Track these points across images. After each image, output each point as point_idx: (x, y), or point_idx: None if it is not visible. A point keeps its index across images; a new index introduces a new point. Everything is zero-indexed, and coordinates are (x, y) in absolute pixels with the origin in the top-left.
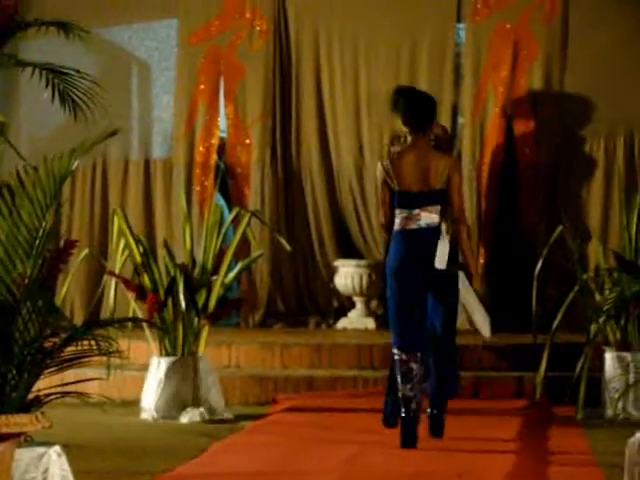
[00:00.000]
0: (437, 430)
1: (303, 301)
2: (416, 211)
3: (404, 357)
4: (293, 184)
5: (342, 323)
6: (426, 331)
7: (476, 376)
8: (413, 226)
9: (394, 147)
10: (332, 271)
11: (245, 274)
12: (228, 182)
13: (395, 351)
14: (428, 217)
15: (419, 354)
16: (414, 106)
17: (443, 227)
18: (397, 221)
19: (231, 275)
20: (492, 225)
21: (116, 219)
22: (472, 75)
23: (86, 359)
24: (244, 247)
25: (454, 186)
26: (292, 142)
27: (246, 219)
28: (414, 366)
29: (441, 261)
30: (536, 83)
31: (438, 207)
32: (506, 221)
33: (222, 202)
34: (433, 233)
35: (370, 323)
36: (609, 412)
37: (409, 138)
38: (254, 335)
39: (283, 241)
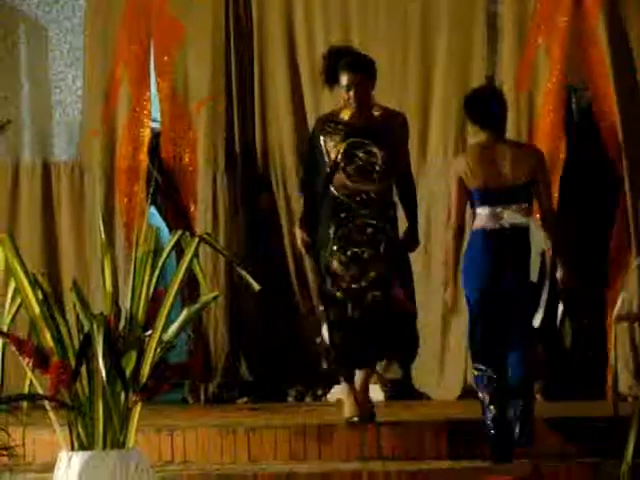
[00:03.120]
0: (527, 441)
1: (278, 364)
2: (499, 209)
3: (489, 373)
4: (259, 195)
5: (335, 394)
6: (506, 349)
7: (533, 464)
8: (495, 225)
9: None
10: (318, 320)
11: (193, 327)
12: (165, 194)
13: (481, 367)
14: (511, 216)
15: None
16: (497, 108)
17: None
18: (477, 220)
19: (173, 329)
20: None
21: (2, 251)
22: (514, 29)
23: None
24: (191, 287)
25: (539, 184)
26: (256, 134)
27: (193, 246)
28: (498, 383)
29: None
30: (610, 37)
31: (524, 206)
32: (570, 243)
33: (158, 222)
34: (521, 236)
35: (377, 393)
36: None
37: (482, 135)
38: (208, 415)
39: (248, 277)
